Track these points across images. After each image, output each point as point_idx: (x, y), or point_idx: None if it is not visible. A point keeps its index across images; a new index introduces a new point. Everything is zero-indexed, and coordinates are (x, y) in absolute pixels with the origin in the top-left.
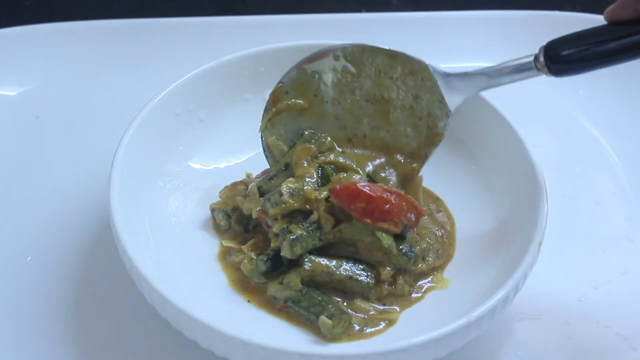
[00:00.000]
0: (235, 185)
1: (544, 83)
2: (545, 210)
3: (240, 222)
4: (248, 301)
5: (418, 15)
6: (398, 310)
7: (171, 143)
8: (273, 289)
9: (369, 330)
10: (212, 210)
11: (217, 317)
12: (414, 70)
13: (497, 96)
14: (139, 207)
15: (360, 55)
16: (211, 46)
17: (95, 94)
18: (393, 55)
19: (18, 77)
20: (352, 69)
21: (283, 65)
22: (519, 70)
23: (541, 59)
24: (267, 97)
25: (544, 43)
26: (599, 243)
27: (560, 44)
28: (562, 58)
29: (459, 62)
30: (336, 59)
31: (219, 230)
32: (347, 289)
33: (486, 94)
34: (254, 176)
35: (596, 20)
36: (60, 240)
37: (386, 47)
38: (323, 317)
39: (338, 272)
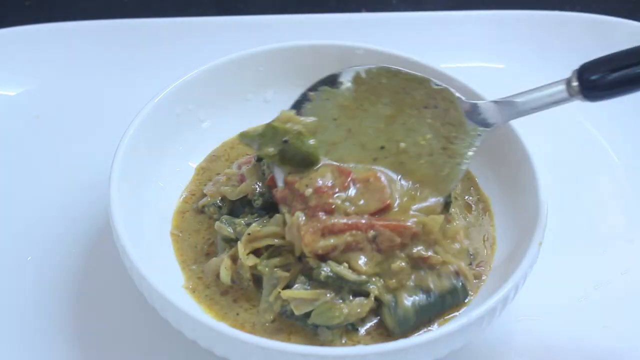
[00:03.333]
0: (215, 181)
1: (544, 83)
2: (545, 210)
3: (231, 208)
4: (242, 324)
5: (418, 15)
6: None
7: (171, 143)
8: (263, 307)
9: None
10: (202, 207)
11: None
12: (438, 99)
13: (497, 96)
14: (139, 207)
15: (378, 77)
16: (211, 46)
17: (95, 93)
18: (417, 81)
19: (18, 77)
20: (367, 95)
21: (283, 66)
22: (550, 98)
23: (574, 84)
24: (267, 97)
25: (543, 42)
26: (599, 243)
27: (594, 67)
28: (597, 83)
29: (459, 61)
30: (354, 80)
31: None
32: None
33: (485, 94)
34: (234, 165)
35: (596, 20)
36: (60, 240)
37: (410, 71)
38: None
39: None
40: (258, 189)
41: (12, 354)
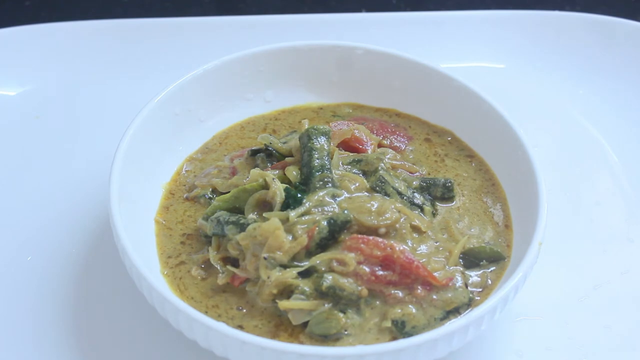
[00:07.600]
0: (206, 174)
1: (544, 83)
2: (545, 210)
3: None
4: (240, 326)
5: (418, 15)
6: None
7: (171, 143)
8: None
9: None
10: (192, 198)
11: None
12: None
13: (497, 96)
14: (139, 207)
15: None
16: (211, 46)
17: (94, 93)
18: None
19: (18, 77)
20: None
21: (283, 65)
22: None
23: None
24: (267, 97)
25: (543, 42)
26: (599, 243)
27: None
28: None
29: (459, 61)
30: None
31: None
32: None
33: (484, 94)
34: (227, 158)
35: (596, 20)
36: (60, 240)
37: None
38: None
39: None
40: None
41: (12, 353)
